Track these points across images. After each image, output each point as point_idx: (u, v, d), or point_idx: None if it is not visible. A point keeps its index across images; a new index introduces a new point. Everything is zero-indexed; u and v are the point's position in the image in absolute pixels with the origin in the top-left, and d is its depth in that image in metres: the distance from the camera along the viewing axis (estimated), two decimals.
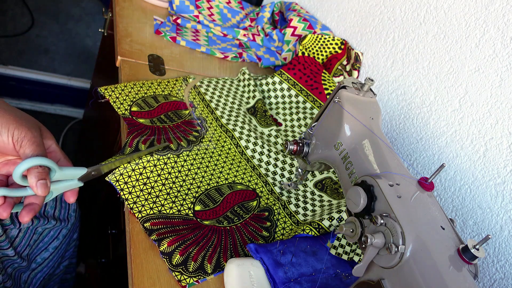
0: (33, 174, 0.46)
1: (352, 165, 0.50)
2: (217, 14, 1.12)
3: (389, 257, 0.38)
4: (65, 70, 1.81)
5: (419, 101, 0.83)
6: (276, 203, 0.70)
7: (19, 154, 0.47)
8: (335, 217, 0.66)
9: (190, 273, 0.53)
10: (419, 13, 0.84)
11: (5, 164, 0.50)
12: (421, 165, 0.81)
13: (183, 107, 0.78)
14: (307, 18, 1.06)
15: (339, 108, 0.53)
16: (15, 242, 0.67)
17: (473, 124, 0.73)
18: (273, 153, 0.76)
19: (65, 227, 0.77)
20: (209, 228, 0.60)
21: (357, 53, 0.96)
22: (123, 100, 0.72)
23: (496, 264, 0.67)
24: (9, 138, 0.46)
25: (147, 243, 0.55)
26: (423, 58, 0.83)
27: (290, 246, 0.60)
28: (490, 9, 0.70)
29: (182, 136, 0.71)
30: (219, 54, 0.97)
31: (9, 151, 0.47)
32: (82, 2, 1.98)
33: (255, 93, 0.88)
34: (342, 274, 0.60)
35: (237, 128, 0.77)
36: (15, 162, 0.50)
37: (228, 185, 0.69)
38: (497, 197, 0.68)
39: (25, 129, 0.47)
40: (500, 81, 0.68)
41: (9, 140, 0.46)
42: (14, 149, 0.47)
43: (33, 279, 0.76)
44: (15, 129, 0.46)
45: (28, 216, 0.48)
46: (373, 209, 0.43)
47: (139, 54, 0.84)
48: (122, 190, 0.59)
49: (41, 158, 0.46)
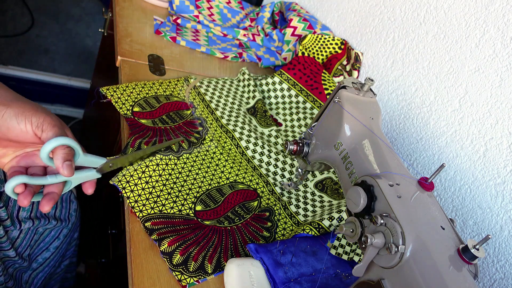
0: (59, 155, 0.47)
1: (352, 165, 0.50)
2: (217, 14, 1.12)
3: (389, 257, 0.38)
4: (65, 70, 1.81)
5: (419, 101, 0.83)
6: (277, 204, 0.70)
7: (42, 138, 0.47)
8: (335, 217, 0.66)
9: (191, 273, 0.53)
10: (419, 13, 0.84)
11: (24, 157, 0.51)
12: (421, 165, 0.81)
13: (185, 107, 0.78)
14: (307, 18, 1.06)
15: (339, 108, 0.53)
16: (16, 243, 0.67)
17: (473, 124, 0.73)
18: (273, 153, 0.76)
19: (65, 227, 0.77)
20: (209, 228, 0.60)
21: (357, 53, 0.97)
22: (125, 100, 0.72)
23: (496, 264, 0.67)
24: (27, 125, 0.46)
25: (147, 243, 0.55)
26: (423, 58, 0.83)
27: (290, 246, 0.60)
28: (490, 9, 0.70)
29: (183, 138, 0.71)
30: (219, 54, 0.97)
31: (29, 140, 0.48)
32: (82, 2, 1.98)
33: (255, 93, 0.88)
34: (342, 274, 0.60)
35: (237, 129, 0.77)
36: (33, 154, 0.51)
37: (229, 185, 0.69)
38: (497, 197, 0.68)
39: (43, 114, 0.47)
40: (500, 81, 0.68)
41: (28, 127, 0.46)
42: (34, 137, 0.47)
43: (35, 279, 0.76)
44: (33, 116, 0.46)
45: (48, 205, 0.49)
46: (373, 209, 0.43)
47: (139, 54, 0.84)
48: (124, 189, 0.59)
49: (67, 138, 0.47)
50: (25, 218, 0.67)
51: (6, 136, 0.47)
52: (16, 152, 0.51)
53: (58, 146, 0.47)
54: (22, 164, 0.51)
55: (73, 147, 0.48)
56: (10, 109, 0.46)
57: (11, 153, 0.51)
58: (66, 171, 0.47)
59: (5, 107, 0.46)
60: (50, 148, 0.46)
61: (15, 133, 0.47)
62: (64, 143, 0.47)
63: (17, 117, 0.46)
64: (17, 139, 0.48)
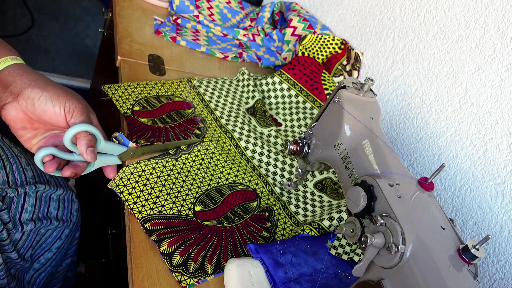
0: (82, 141, 0.51)
1: (352, 165, 0.50)
2: (217, 14, 1.12)
3: (389, 257, 0.38)
4: (65, 70, 1.81)
5: (419, 101, 0.83)
6: (276, 204, 0.70)
7: (69, 123, 0.52)
8: (335, 217, 0.66)
9: (191, 273, 0.53)
10: (419, 13, 0.84)
11: (51, 137, 0.55)
12: (421, 165, 0.81)
13: (186, 107, 0.78)
14: (307, 18, 1.06)
15: (339, 108, 0.53)
16: (18, 244, 0.67)
17: (473, 124, 0.73)
18: (273, 153, 0.76)
19: (67, 227, 0.77)
20: (209, 229, 0.60)
21: (357, 53, 0.97)
22: (126, 99, 0.72)
23: (496, 264, 0.67)
24: (61, 109, 0.51)
25: (147, 243, 0.55)
26: (423, 58, 0.83)
27: (290, 246, 0.60)
28: (490, 9, 0.70)
29: (182, 137, 0.71)
30: (219, 54, 0.97)
31: (60, 122, 0.52)
32: (82, 2, 1.98)
33: (255, 93, 0.88)
34: (342, 274, 0.60)
35: (237, 129, 0.77)
36: (60, 135, 0.56)
37: (229, 186, 0.69)
38: (497, 197, 0.68)
39: (75, 101, 0.52)
40: (500, 81, 0.68)
41: (61, 111, 0.51)
42: (64, 120, 0.52)
43: (37, 279, 0.76)
44: (66, 100, 0.51)
45: (69, 170, 0.54)
46: (373, 209, 0.43)
47: (139, 54, 0.84)
48: (122, 193, 0.59)
49: (89, 126, 0.51)
50: (27, 220, 0.67)
51: (40, 117, 0.51)
52: (45, 134, 0.55)
53: (81, 133, 0.51)
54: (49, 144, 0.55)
55: (95, 134, 0.53)
56: (46, 93, 0.50)
57: (40, 134, 0.54)
58: (89, 156, 0.52)
59: (41, 90, 0.50)
60: (73, 133, 0.50)
61: (48, 115, 0.51)
62: (86, 129, 0.51)
63: (53, 100, 0.50)
64: (50, 121, 0.52)
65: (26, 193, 0.67)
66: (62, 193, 0.75)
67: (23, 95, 0.49)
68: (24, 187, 0.65)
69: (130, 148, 0.60)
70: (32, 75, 0.51)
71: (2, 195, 0.62)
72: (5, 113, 0.50)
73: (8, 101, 0.50)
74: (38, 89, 0.50)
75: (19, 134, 0.53)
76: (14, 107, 0.50)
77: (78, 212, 0.81)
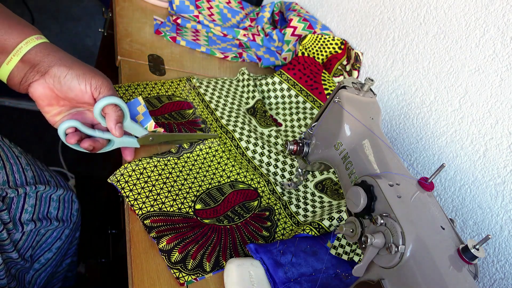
0: (112, 116, 0.54)
1: (352, 165, 0.50)
2: (217, 14, 1.12)
3: (389, 257, 0.38)
4: None
5: (419, 101, 0.83)
6: (277, 203, 0.70)
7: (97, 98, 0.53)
8: (335, 217, 0.66)
9: (189, 270, 0.53)
10: (419, 13, 0.84)
11: (75, 114, 0.57)
12: (421, 165, 0.81)
13: (187, 107, 0.78)
14: (307, 18, 1.06)
15: (339, 108, 0.53)
16: (18, 244, 0.67)
17: (473, 124, 0.73)
18: (273, 153, 0.76)
19: (67, 227, 0.77)
20: (209, 227, 0.60)
21: (357, 53, 0.97)
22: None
23: (496, 264, 0.67)
24: (87, 86, 0.52)
25: (147, 243, 0.55)
26: (423, 58, 0.83)
27: (290, 246, 0.60)
28: (490, 9, 0.70)
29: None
30: (219, 54, 0.97)
31: (85, 99, 0.53)
32: (82, 2, 1.98)
33: (255, 93, 0.88)
34: (342, 274, 0.60)
35: (237, 129, 0.77)
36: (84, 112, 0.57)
37: (230, 184, 0.69)
38: (497, 197, 0.68)
39: (101, 78, 0.54)
40: (500, 81, 0.68)
41: (87, 88, 0.52)
42: (90, 97, 0.53)
43: (37, 279, 0.76)
44: (92, 78, 0.53)
45: (88, 143, 0.55)
46: (373, 209, 0.43)
47: (139, 54, 0.84)
48: (123, 189, 0.59)
49: (119, 99, 0.54)
50: (27, 220, 0.67)
51: (66, 95, 0.53)
52: (70, 111, 0.56)
53: (111, 108, 0.53)
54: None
55: (124, 109, 0.55)
56: (72, 71, 0.52)
57: (65, 111, 0.56)
58: (117, 132, 0.54)
59: (67, 68, 0.51)
60: (104, 104, 0.52)
61: (74, 93, 0.52)
62: (116, 102, 0.53)
63: (79, 78, 0.52)
64: (76, 99, 0.53)
65: (26, 193, 0.67)
66: (62, 194, 0.75)
67: (50, 73, 0.51)
68: (24, 187, 0.65)
69: (150, 133, 0.61)
70: (58, 53, 0.53)
71: (2, 195, 0.62)
72: (33, 90, 0.52)
73: (35, 79, 0.51)
74: (64, 67, 0.51)
75: (45, 110, 0.55)
76: (41, 84, 0.52)
77: (78, 212, 0.81)
